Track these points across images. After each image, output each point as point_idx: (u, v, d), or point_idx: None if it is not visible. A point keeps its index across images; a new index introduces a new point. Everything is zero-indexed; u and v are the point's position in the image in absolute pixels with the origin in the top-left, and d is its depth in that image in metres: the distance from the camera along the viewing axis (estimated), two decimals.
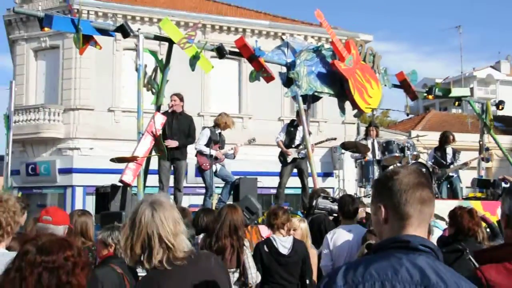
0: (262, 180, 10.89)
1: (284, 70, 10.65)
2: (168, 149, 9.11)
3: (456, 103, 13.91)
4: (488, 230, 6.14)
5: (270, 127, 21.38)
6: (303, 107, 10.66)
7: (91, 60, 23.18)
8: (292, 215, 7.84)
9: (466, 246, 4.74)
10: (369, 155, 10.85)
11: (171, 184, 9.99)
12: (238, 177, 10.46)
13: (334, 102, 11.43)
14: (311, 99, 11.31)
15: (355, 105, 11.06)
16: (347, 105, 11.32)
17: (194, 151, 10.23)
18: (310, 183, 10.51)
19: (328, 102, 13.55)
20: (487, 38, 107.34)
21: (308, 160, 10.55)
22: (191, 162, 10.56)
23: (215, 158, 10.16)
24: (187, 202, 16.62)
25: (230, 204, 7.16)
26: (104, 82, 23.80)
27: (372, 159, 10.70)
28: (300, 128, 10.72)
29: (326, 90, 10.87)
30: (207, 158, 10.09)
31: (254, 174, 11.78)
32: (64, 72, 24.27)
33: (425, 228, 2.11)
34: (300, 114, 10.54)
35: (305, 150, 10.64)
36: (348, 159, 19.36)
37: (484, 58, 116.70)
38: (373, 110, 11.10)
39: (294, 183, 11.12)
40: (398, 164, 10.74)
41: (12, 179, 14.67)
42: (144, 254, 2.79)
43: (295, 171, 10.90)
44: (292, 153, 10.70)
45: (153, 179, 9.70)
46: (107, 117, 24.17)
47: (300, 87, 10.36)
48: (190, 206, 10.82)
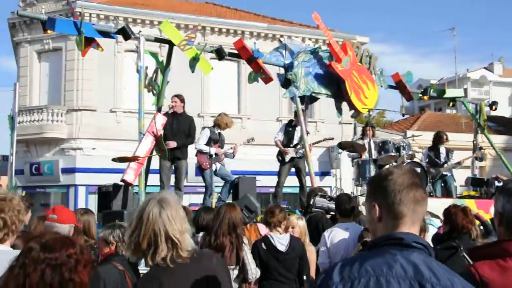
0: (261, 179, 10.90)
1: (282, 71, 10.64)
2: (168, 149, 9.10)
3: (451, 104, 13.92)
4: (481, 227, 6.15)
5: (268, 127, 21.35)
6: (301, 107, 10.66)
7: (93, 62, 23.17)
8: (290, 213, 7.84)
9: (460, 244, 4.75)
10: (365, 155, 10.85)
11: (172, 183, 9.99)
12: (238, 176, 10.45)
13: (331, 102, 11.43)
14: (309, 100, 11.31)
15: (352, 105, 11.05)
16: (344, 105, 11.31)
17: (194, 151, 10.23)
18: (308, 182, 10.51)
19: (325, 102, 13.54)
20: (480, 40, 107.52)
21: (306, 160, 10.55)
22: (191, 161, 10.56)
23: (215, 155, 10.15)
24: (187, 201, 16.63)
25: (229, 202, 7.16)
26: (106, 84, 23.81)
27: (369, 158, 10.70)
28: (298, 128, 10.73)
29: (324, 91, 10.87)
30: (207, 157, 10.10)
31: (253, 173, 11.77)
32: (66, 73, 24.28)
33: (418, 226, 2.13)
34: (298, 114, 10.54)
35: (302, 150, 10.64)
36: (345, 159, 19.35)
37: (477, 60, 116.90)
38: (369, 110, 11.10)
39: (292, 182, 11.12)
40: (394, 163, 10.74)
41: (16, 179, 14.65)
42: (149, 250, 2.78)
43: (293, 170, 10.91)
44: (290, 152, 10.70)
45: (154, 179, 9.69)
46: (109, 117, 24.17)
47: (298, 88, 10.36)
48: (190, 205, 10.81)
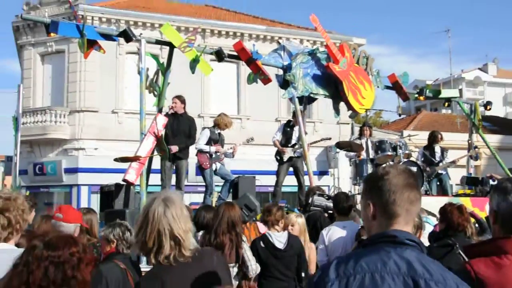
0: (260, 179, 10.88)
1: (281, 72, 10.64)
2: (169, 149, 9.10)
3: (446, 104, 13.91)
4: (477, 225, 6.15)
5: (267, 127, 21.33)
6: (299, 108, 10.66)
7: (95, 64, 23.18)
8: (289, 211, 7.84)
9: (456, 241, 4.74)
10: (363, 154, 10.84)
11: (173, 183, 9.99)
12: (237, 175, 10.46)
13: (329, 103, 11.42)
14: (307, 101, 11.32)
15: (349, 106, 11.05)
16: (342, 106, 11.31)
17: (194, 151, 10.23)
18: (306, 181, 10.51)
19: (323, 103, 13.54)
20: (475, 41, 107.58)
21: (304, 159, 10.56)
22: (191, 161, 10.56)
23: (216, 152, 10.15)
24: (188, 200, 16.64)
25: (227, 201, 7.15)
26: (108, 85, 23.80)
27: (366, 157, 10.69)
28: (296, 128, 10.74)
29: (321, 92, 10.87)
30: (207, 157, 10.10)
31: (252, 173, 11.76)
32: (69, 75, 24.27)
33: (411, 225, 2.15)
34: (297, 115, 10.54)
35: (300, 149, 10.66)
36: (342, 158, 19.41)
37: (472, 61, 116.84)
38: (366, 110, 11.10)
39: (291, 181, 11.12)
40: (391, 162, 10.74)
41: (20, 179, 14.66)
42: (154, 248, 2.79)
43: (291, 169, 10.91)
44: (288, 152, 10.71)
45: (155, 178, 9.69)
46: (111, 118, 24.16)
47: (296, 88, 10.36)
48: (191, 204, 10.81)
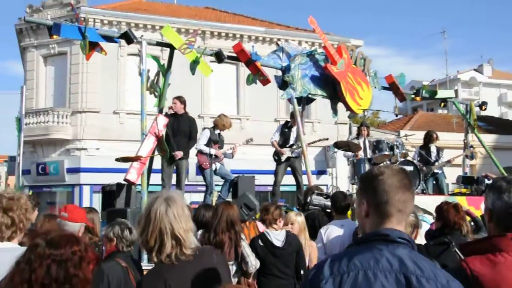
0: (259, 178, 10.87)
1: (280, 73, 10.64)
2: (170, 149, 9.09)
3: (442, 104, 13.89)
4: (472, 223, 6.15)
5: (266, 127, 21.31)
6: (298, 108, 10.67)
7: (97, 65, 23.18)
8: (288, 210, 7.83)
9: (452, 239, 4.75)
10: (360, 154, 10.84)
11: (173, 182, 9.98)
12: (237, 175, 10.45)
13: (327, 103, 11.41)
14: (306, 101, 11.31)
15: (347, 106, 11.05)
16: (340, 106, 11.31)
17: (194, 151, 10.22)
18: (305, 180, 10.51)
19: (321, 103, 13.54)
20: (470, 42, 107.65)
21: (303, 159, 10.55)
22: (192, 161, 10.55)
23: (215, 156, 10.15)
24: (188, 199, 16.64)
25: (225, 201, 7.14)
26: (109, 86, 23.80)
27: (364, 157, 10.68)
28: (294, 129, 10.74)
29: (320, 92, 10.86)
30: (207, 157, 10.09)
31: (251, 172, 11.75)
32: (71, 77, 24.28)
33: (403, 224, 2.15)
34: (295, 115, 10.54)
35: (298, 150, 10.67)
36: (340, 158, 19.38)
37: (467, 62, 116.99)
38: (364, 111, 11.10)
39: (290, 180, 11.11)
40: (388, 161, 10.75)
41: (23, 178, 14.62)
42: (155, 246, 2.79)
43: (289, 169, 10.91)
44: (286, 152, 10.70)
45: (156, 178, 9.69)
46: (113, 119, 24.16)
47: (295, 89, 10.36)
48: (191, 203, 10.82)
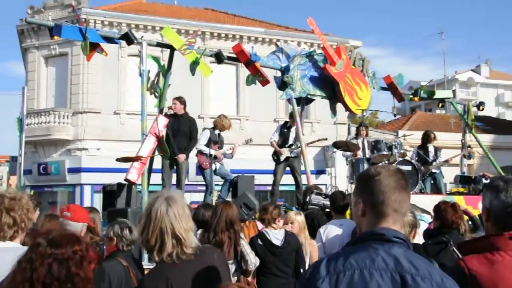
0: (258, 178, 10.88)
1: (279, 74, 10.65)
2: (171, 149, 9.09)
3: (440, 105, 13.91)
4: (470, 223, 6.15)
5: (266, 127, 21.29)
6: (297, 109, 10.67)
7: (98, 66, 23.17)
8: (287, 210, 7.82)
9: (450, 238, 4.75)
10: (359, 154, 10.85)
11: (174, 182, 9.98)
12: (236, 175, 10.45)
13: (326, 104, 11.42)
14: (305, 101, 11.33)
15: (346, 106, 11.06)
16: (339, 106, 11.32)
17: (194, 151, 10.23)
18: (304, 180, 10.50)
19: (320, 104, 13.57)
20: (468, 43, 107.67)
21: (303, 159, 10.55)
22: (192, 161, 10.56)
23: (215, 157, 10.16)
24: (188, 199, 16.63)
25: (224, 200, 7.13)
26: (110, 87, 23.79)
27: (362, 157, 10.70)
28: (293, 129, 10.74)
29: (319, 93, 10.87)
30: (207, 157, 10.09)
31: (251, 172, 11.75)
32: (72, 77, 24.27)
33: (399, 224, 2.15)
34: (295, 115, 10.54)
35: (297, 149, 10.67)
36: (339, 157, 19.39)
37: (465, 62, 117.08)
38: (362, 111, 11.10)
39: (289, 180, 11.11)
40: (386, 161, 10.76)
41: (25, 178, 14.62)
42: (156, 246, 2.79)
43: (288, 169, 10.91)
44: (285, 152, 10.71)
45: (156, 178, 9.69)
46: (113, 119, 24.15)
47: (294, 90, 10.36)
48: (191, 203, 10.82)
